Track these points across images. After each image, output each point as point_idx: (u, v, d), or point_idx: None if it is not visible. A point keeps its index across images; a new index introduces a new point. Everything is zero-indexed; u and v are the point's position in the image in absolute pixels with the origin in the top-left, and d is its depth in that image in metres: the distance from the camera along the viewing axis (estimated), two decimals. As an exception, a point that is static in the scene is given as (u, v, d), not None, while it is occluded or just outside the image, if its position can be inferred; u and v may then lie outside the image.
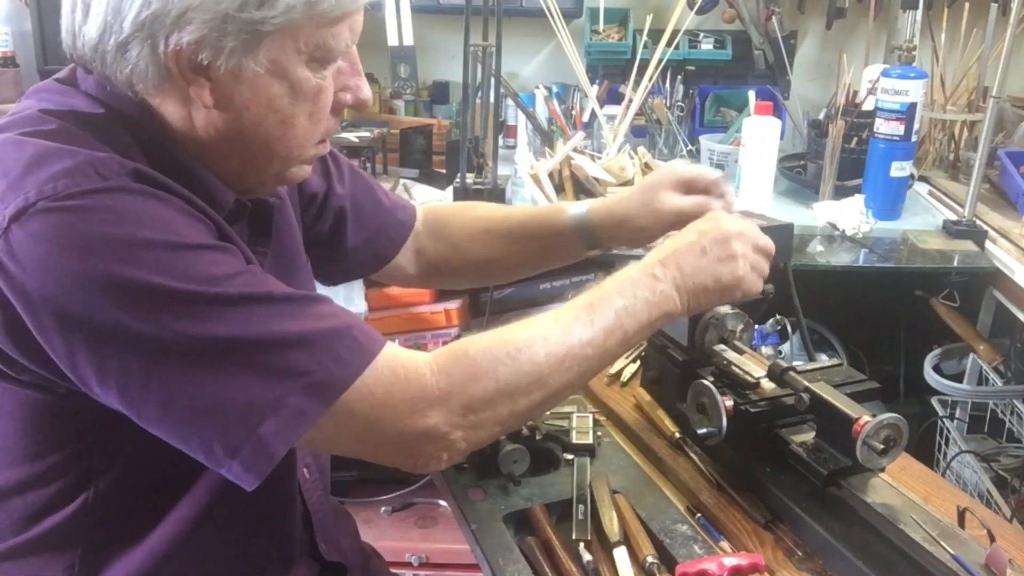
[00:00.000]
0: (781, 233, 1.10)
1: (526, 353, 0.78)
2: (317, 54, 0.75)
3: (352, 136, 1.96)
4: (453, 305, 2.02)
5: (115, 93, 0.75)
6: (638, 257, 0.91)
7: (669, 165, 1.08)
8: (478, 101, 1.91)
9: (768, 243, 0.94)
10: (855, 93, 2.10)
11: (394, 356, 0.75)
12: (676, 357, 1.09)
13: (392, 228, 1.14)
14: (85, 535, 0.81)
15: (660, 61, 1.95)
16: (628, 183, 1.76)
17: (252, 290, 0.71)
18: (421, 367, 0.75)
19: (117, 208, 0.67)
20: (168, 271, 0.67)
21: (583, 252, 1.13)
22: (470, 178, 1.81)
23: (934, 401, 2.02)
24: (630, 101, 1.94)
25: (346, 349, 0.72)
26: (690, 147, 2.25)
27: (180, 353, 0.68)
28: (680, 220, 0.99)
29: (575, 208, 1.11)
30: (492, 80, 1.84)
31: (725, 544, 0.92)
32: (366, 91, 0.83)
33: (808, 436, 0.96)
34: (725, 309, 1.04)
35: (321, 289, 1.09)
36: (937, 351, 1.94)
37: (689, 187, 1.05)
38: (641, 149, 1.89)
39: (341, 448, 0.76)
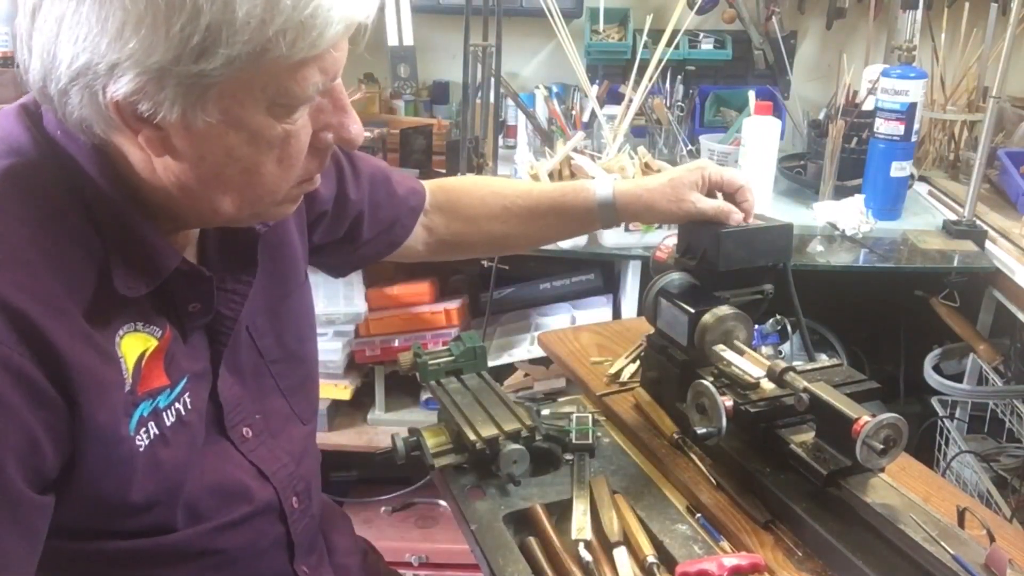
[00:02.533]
0: (781, 233, 1.11)
1: None
2: (280, 100, 0.69)
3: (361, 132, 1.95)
4: (453, 305, 2.03)
5: (70, 134, 0.71)
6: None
7: (700, 165, 1.11)
8: (478, 101, 1.91)
9: None
10: (855, 93, 2.10)
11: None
12: (676, 357, 1.09)
13: (405, 216, 1.15)
14: None
15: (660, 61, 1.95)
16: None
17: None
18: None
19: (66, 270, 0.69)
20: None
21: (598, 228, 1.19)
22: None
23: (934, 401, 2.02)
24: (630, 101, 1.94)
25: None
26: (690, 147, 2.25)
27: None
28: (700, 218, 1.08)
29: (601, 190, 1.14)
30: (492, 80, 1.84)
31: (725, 544, 0.92)
32: (353, 129, 0.76)
33: (808, 436, 0.96)
34: (725, 309, 1.04)
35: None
36: (937, 351, 1.94)
37: (714, 189, 1.10)
38: (641, 149, 1.88)
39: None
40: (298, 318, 0.99)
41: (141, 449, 0.75)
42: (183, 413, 0.80)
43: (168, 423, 0.78)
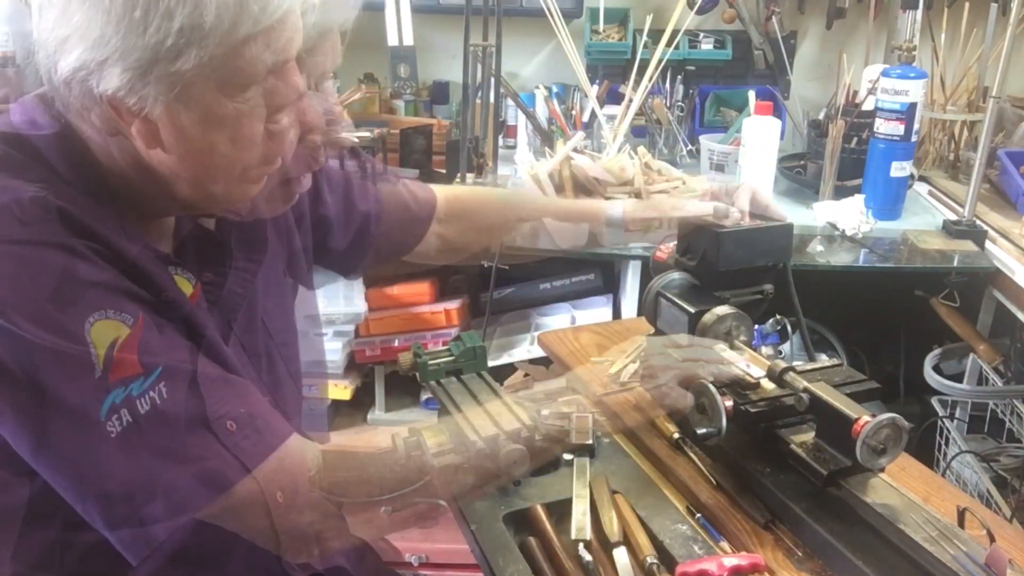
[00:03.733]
0: (781, 233, 1.11)
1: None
2: (230, 78, 0.71)
3: (352, 136, 1.96)
4: (453, 305, 2.03)
5: (35, 122, 0.75)
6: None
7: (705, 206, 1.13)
8: (478, 101, 1.91)
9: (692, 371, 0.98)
10: (855, 93, 2.10)
11: (288, 451, 0.77)
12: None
13: (415, 225, 1.19)
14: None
15: (660, 61, 1.95)
16: (628, 183, 1.76)
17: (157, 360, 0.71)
18: (309, 463, 0.78)
19: (29, 260, 0.70)
20: (68, 334, 0.70)
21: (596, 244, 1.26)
22: (470, 178, 1.81)
23: (934, 401, 2.02)
24: (630, 101, 1.94)
25: (245, 439, 0.74)
26: (690, 147, 2.25)
27: (71, 417, 0.70)
28: (691, 215, 1.13)
29: (611, 211, 1.21)
30: (492, 80, 1.84)
31: (725, 544, 0.92)
32: (308, 113, 0.78)
33: (808, 436, 0.96)
34: (725, 309, 1.04)
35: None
36: (937, 351, 1.94)
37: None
38: (641, 149, 1.89)
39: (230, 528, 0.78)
40: (282, 313, 1.01)
41: (113, 436, 0.75)
42: (159, 402, 0.79)
43: (142, 411, 0.77)
